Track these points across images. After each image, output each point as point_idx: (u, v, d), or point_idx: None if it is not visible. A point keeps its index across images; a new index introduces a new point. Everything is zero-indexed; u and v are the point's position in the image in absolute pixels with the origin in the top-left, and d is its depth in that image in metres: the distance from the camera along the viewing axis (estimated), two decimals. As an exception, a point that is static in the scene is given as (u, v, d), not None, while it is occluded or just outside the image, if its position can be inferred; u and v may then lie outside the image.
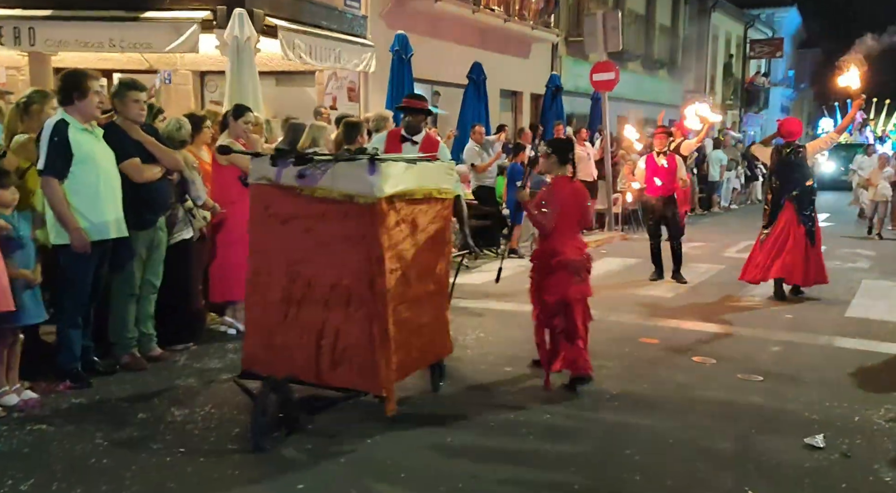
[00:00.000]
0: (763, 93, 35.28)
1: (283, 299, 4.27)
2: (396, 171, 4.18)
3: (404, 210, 4.25)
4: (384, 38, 11.91)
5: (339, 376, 4.23)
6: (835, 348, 6.32)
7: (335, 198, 4.10)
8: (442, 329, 4.84)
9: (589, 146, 13.62)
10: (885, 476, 3.85)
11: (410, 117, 5.55)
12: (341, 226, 4.12)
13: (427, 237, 4.50)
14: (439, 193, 4.57)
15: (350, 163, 4.12)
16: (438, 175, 4.62)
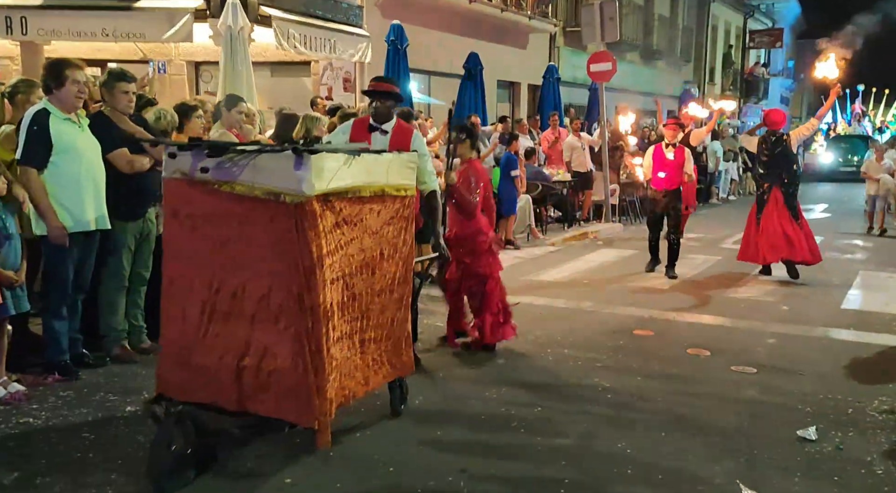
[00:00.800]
0: (762, 83, 35.15)
1: (203, 313, 3.67)
2: (333, 164, 3.56)
3: (347, 210, 3.67)
4: (380, 28, 11.84)
5: (262, 404, 3.61)
6: (830, 340, 6.30)
7: (258, 196, 3.49)
8: (400, 345, 4.22)
9: (585, 136, 13.55)
10: (878, 469, 3.83)
11: (378, 103, 4.89)
12: (267, 229, 3.52)
13: (380, 241, 3.94)
14: (397, 190, 3.99)
15: (274, 155, 3.52)
16: (395, 169, 4.01)
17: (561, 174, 12.70)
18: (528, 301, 7.45)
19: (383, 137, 4.83)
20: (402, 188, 4.06)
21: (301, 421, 3.60)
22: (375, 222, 3.90)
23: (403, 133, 4.88)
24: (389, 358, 4.17)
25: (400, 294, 4.17)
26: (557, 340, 6.09)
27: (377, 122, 4.92)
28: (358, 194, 3.75)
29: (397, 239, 4.08)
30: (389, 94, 4.95)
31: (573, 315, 6.98)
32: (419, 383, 4.98)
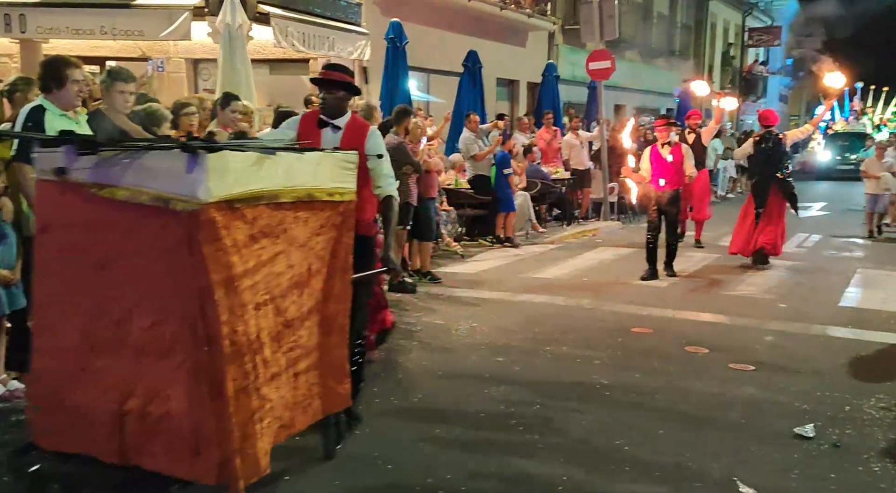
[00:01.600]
0: (761, 81, 35.17)
1: (81, 344, 3.04)
2: (238, 164, 2.92)
3: (266, 219, 3.04)
4: (379, 25, 11.82)
5: (150, 457, 2.96)
6: (828, 338, 6.31)
7: (144, 203, 2.85)
8: (335, 376, 3.57)
9: (582, 134, 13.56)
10: (875, 467, 3.84)
11: (326, 94, 4.24)
12: (156, 243, 2.89)
13: (308, 255, 3.31)
14: (329, 195, 3.40)
15: (163, 153, 2.90)
16: (325, 170, 3.41)
17: (559, 172, 12.71)
18: (527, 299, 7.47)
19: (334, 134, 4.21)
20: (335, 192, 3.43)
21: (196, 475, 2.92)
22: (303, 233, 3.27)
23: (358, 130, 4.25)
24: (321, 392, 3.51)
25: (333, 315, 3.51)
26: (556, 337, 6.10)
27: (328, 116, 4.27)
28: (277, 200, 3.09)
29: (326, 251, 3.44)
30: (340, 84, 4.28)
31: (572, 313, 6.99)
32: (418, 381, 5.00)
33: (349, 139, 4.17)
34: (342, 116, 4.28)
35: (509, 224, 10.63)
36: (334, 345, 3.56)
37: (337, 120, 4.27)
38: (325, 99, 4.27)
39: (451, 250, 9.75)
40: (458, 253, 9.72)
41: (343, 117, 4.29)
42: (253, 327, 2.97)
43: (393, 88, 10.93)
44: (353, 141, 4.13)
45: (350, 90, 4.34)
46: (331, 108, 4.27)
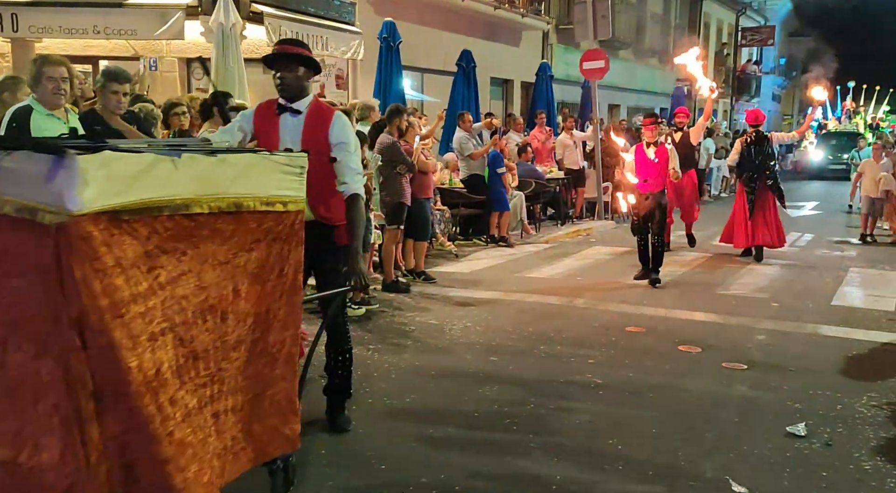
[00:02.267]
0: (754, 81, 35.30)
1: None
2: (129, 169, 2.39)
3: (167, 233, 2.52)
4: (372, 25, 11.83)
5: None
6: (820, 337, 6.34)
7: (7, 214, 2.41)
8: (280, 415, 3.01)
9: (577, 133, 13.59)
10: (866, 465, 3.87)
11: (283, 72, 3.69)
12: (28, 262, 2.42)
13: (234, 274, 2.76)
14: (267, 204, 2.82)
15: (29, 155, 2.38)
16: (259, 174, 2.83)
17: (553, 172, 12.73)
18: (521, 298, 7.49)
19: (294, 120, 3.72)
20: (276, 201, 2.86)
21: None
22: (224, 249, 2.73)
23: (322, 115, 3.72)
24: (262, 433, 2.96)
25: (277, 343, 2.97)
26: (550, 336, 6.11)
27: (286, 99, 3.73)
28: (187, 211, 2.57)
29: (265, 269, 2.86)
30: (298, 58, 3.70)
31: (566, 312, 7.01)
32: (412, 381, 5.01)
33: (312, 126, 3.70)
34: (302, 99, 3.75)
35: (504, 224, 10.65)
36: (278, 378, 2.98)
37: (297, 103, 3.73)
38: (282, 78, 3.70)
39: (445, 250, 9.76)
40: (452, 253, 9.73)
41: (304, 100, 3.76)
42: (149, 362, 2.43)
43: (387, 87, 10.94)
44: (315, 128, 3.66)
45: (310, 67, 3.78)
46: (289, 89, 3.72)
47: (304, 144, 3.58)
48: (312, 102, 3.82)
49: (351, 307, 6.63)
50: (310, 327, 5.01)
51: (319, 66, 3.87)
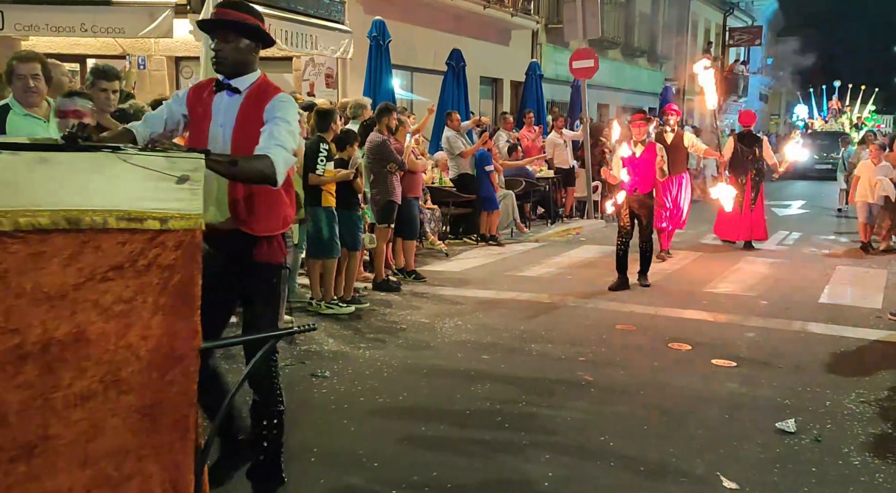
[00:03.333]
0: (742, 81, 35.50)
1: None
2: None
3: None
4: (362, 23, 11.81)
5: None
6: (808, 334, 6.39)
7: None
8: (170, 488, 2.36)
9: (566, 133, 13.62)
10: (854, 460, 3.90)
11: (219, 42, 3.05)
12: None
13: (76, 310, 2.19)
14: (134, 221, 2.25)
15: None
16: (112, 179, 2.24)
17: (543, 171, 12.76)
18: (512, 297, 7.50)
19: (231, 100, 3.07)
20: (145, 216, 2.27)
21: None
22: (59, 278, 2.17)
23: (263, 95, 3.07)
24: None
25: (157, 403, 2.32)
26: (541, 335, 6.13)
27: (224, 75, 3.09)
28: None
29: (134, 306, 2.27)
30: (240, 27, 3.04)
31: (556, 310, 7.02)
32: (404, 379, 5.01)
33: (249, 107, 3.04)
34: (244, 75, 3.08)
35: (493, 222, 10.66)
36: (163, 447, 2.33)
37: (237, 80, 3.06)
38: (217, 50, 3.06)
39: (435, 249, 9.76)
40: (442, 252, 9.73)
41: (247, 77, 3.09)
42: None
43: (376, 86, 10.92)
44: (254, 109, 3.02)
45: (256, 38, 3.11)
46: (225, 63, 3.05)
47: (237, 131, 3.00)
48: (258, 81, 3.11)
49: (338, 306, 6.63)
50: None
51: (268, 37, 3.19)
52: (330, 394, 4.71)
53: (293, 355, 5.46)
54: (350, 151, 6.72)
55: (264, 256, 3.10)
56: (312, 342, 5.78)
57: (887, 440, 4.18)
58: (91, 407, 2.21)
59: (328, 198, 6.55)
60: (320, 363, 5.28)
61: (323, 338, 5.92)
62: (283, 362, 5.27)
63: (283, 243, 3.21)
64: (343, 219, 6.67)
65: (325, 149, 6.45)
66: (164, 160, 2.32)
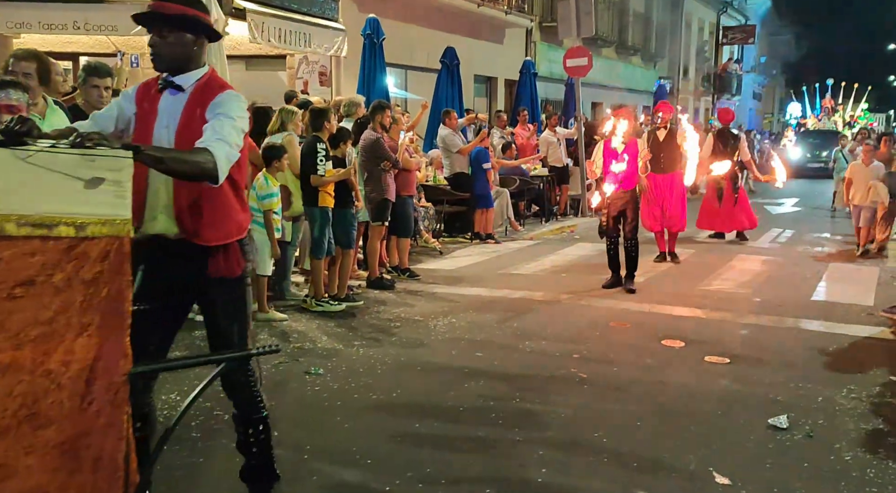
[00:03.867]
0: (735, 79, 35.62)
1: None
2: None
3: None
4: (356, 21, 11.79)
5: None
6: (800, 331, 6.41)
7: None
8: None
9: (560, 131, 13.64)
10: (846, 456, 3.92)
11: (154, 38, 2.81)
12: None
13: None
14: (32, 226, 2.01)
15: None
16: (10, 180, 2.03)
17: (538, 169, 12.77)
18: (506, 294, 7.50)
19: (175, 99, 2.85)
20: (55, 221, 2.01)
21: None
22: None
23: (209, 91, 2.84)
24: None
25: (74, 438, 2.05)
26: (535, 332, 6.14)
27: (165, 71, 2.87)
28: None
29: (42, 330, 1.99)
30: (173, 18, 2.79)
31: (550, 308, 7.03)
32: (398, 376, 5.01)
33: (194, 107, 2.81)
34: (189, 73, 2.85)
35: (489, 220, 10.66)
36: (87, 487, 2.06)
37: (181, 77, 2.84)
38: (153, 46, 2.80)
39: (429, 247, 9.76)
40: (436, 249, 9.73)
41: (191, 74, 2.85)
42: None
43: (370, 84, 10.90)
44: (201, 109, 2.80)
45: (198, 31, 2.86)
46: (162, 60, 2.82)
47: (181, 131, 2.79)
48: (203, 78, 2.87)
49: (329, 304, 6.62)
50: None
51: (212, 30, 2.95)
52: (323, 391, 4.72)
53: (287, 352, 5.45)
54: (344, 149, 6.72)
55: (221, 269, 2.85)
56: (306, 340, 5.78)
57: (878, 435, 4.21)
58: (2, 446, 1.93)
59: (326, 198, 6.55)
60: (314, 361, 5.28)
61: (317, 335, 5.92)
62: (277, 359, 5.27)
63: (242, 253, 2.92)
64: (337, 217, 6.67)
65: (322, 149, 6.45)
66: (76, 159, 2.04)
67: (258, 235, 6.19)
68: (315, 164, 6.40)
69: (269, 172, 6.21)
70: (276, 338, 5.80)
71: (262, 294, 6.30)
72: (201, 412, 4.27)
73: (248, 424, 3.09)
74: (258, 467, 3.15)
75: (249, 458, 3.14)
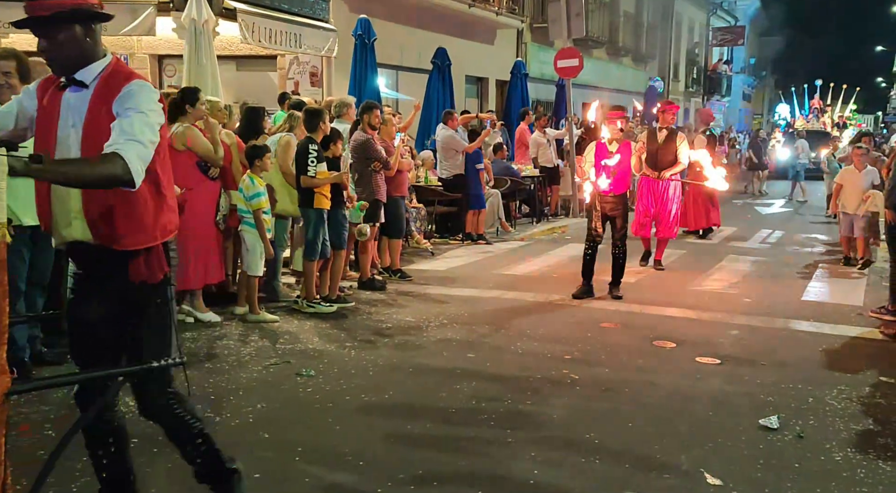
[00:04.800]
0: (725, 80, 35.78)
1: None
2: None
3: None
4: (347, 22, 11.78)
5: None
6: (791, 331, 6.44)
7: None
8: None
9: (550, 132, 13.66)
10: (836, 456, 3.94)
11: (44, 43, 2.61)
12: None
13: None
14: None
15: None
16: None
17: (529, 170, 12.79)
18: (498, 295, 7.50)
19: (79, 96, 2.63)
20: None
21: None
22: None
23: (114, 84, 2.62)
24: None
25: None
26: (527, 333, 6.14)
27: (62, 70, 2.65)
28: None
29: None
30: (53, 18, 2.56)
31: (542, 308, 7.04)
32: (389, 377, 5.00)
33: (99, 103, 2.60)
34: (90, 66, 2.62)
35: (480, 221, 10.66)
36: None
37: (81, 73, 2.62)
38: (44, 50, 2.62)
39: (421, 248, 9.75)
40: (428, 250, 9.72)
41: (92, 67, 2.63)
42: None
43: (362, 85, 10.89)
44: (104, 103, 2.59)
45: (86, 19, 2.60)
46: (57, 62, 2.63)
47: (88, 129, 2.58)
48: (107, 69, 2.64)
49: (320, 305, 6.59)
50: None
51: (99, 13, 2.64)
52: (315, 393, 4.70)
53: (278, 354, 5.44)
54: (335, 150, 6.70)
55: (139, 274, 2.67)
56: (297, 341, 5.76)
57: (869, 435, 4.22)
58: None
59: (321, 200, 6.52)
60: (305, 362, 5.26)
61: (308, 337, 5.90)
62: (268, 360, 5.26)
63: (165, 258, 2.72)
64: (328, 218, 6.64)
65: (315, 150, 6.43)
66: None
67: (249, 236, 6.19)
68: (306, 164, 6.38)
69: (253, 172, 6.18)
70: (268, 339, 5.77)
71: (253, 295, 6.28)
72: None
73: (183, 443, 2.92)
74: (209, 473, 3.00)
75: (196, 467, 2.99)
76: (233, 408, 4.38)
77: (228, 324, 6.11)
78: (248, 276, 6.28)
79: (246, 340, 5.75)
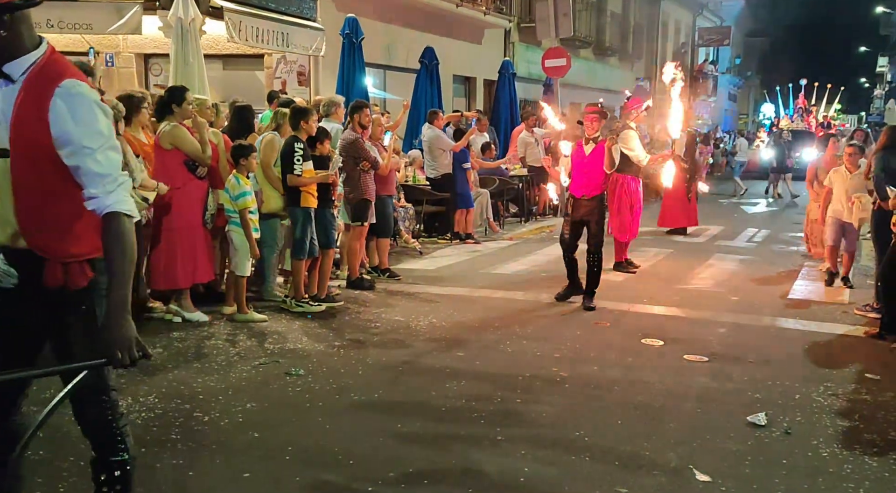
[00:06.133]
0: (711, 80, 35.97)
1: None
2: None
3: None
4: (334, 21, 11.75)
5: None
6: (778, 329, 6.49)
7: None
8: None
9: (538, 132, 13.67)
10: (823, 452, 3.97)
11: None
12: None
13: None
14: None
15: None
16: None
17: (517, 169, 12.80)
18: (486, 294, 7.51)
19: (6, 91, 2.30)
20: None
21: None
22: None
23: (43, 86, 2.29)
24: None
25: None
26: (516, 332, 6.15)
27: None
28: None
29: None
30: None
31: (531, 308, 7.05)
32: (379, 377, 4.99)
33: (28, 101, 2.28)
34: (19, 59, 2.30)
35: (469, 221, 10.66)
36: None
37: (9, 66, 2.30)
38: None
39: (409, 247, 9.75)
40: (416, 250, 9.72)
41: (21, 60, 2.30)
42: None
43: (349, 84, 10.86)
44: (33, 105, 2.28)
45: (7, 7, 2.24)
46: None
47: (16, 129, 2.28)
48: (38, 63, 2.32)
49: (308, 304, 6.57)
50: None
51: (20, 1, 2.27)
52: (304, 392, 4.68)
53: (267, 353, 5.42)
54: (321, 149, 6.68)
55: (59, 279, 2.39)
56: (286, 341, 5.74)
57: (855, 431, 4.26)
58: None
59: (308, 198, 6.50)
60: (294, 362, 5.24)
61: (297, 336, 5.88)
62: (257, 360, 5.24)
63: (91, 265, 2.44)
64: (316, 217, 6.62)
65: (300, 148, 6.40)
66: None
67: (236, 235, 6.16)
68: (292, 163, 6.36)
69: (238, 172, 6.15)
70: (256, 339, 5.75)
71: (241, 295, 6.25)
72: (180, 414, 4.23)
73: (102, 469, 2.58)
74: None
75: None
76: (222, 408, 4.36)
77: (217, 324, 6.09)
78: (236, 276, 6.25)
79: (234, 339, 5.73)
